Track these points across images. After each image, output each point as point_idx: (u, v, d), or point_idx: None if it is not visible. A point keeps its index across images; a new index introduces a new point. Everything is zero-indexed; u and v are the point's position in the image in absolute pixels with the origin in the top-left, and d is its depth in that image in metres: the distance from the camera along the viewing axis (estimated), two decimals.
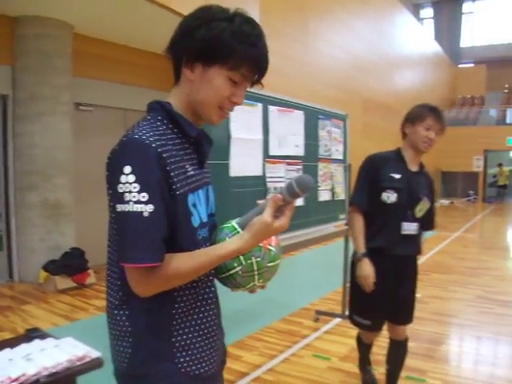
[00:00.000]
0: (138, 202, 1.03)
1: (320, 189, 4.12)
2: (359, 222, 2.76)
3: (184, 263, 1.08)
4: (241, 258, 1.16)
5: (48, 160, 5.85)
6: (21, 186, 5.87)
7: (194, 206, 1.17)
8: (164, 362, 1.17)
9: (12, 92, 5.86)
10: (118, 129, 7.18)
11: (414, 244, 2.78)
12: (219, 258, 1.11)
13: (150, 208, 1.03)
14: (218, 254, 1.11)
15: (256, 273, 1.18)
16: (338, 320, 4.61)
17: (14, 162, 5.91)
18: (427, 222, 2.81)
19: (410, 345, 3.23)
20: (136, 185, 1.03)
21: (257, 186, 3.23)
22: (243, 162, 3.05)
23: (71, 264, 5.62)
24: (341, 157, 4.51)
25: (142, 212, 1.03)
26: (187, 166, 1.16)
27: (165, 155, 1.08)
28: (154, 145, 1.07)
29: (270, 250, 1.20)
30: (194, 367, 1.20)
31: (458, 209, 17.90)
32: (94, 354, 1.87)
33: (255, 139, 3.20)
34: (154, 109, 1.19)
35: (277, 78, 8.47)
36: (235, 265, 1.17)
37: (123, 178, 1.04)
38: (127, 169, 1.04)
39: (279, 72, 8.71)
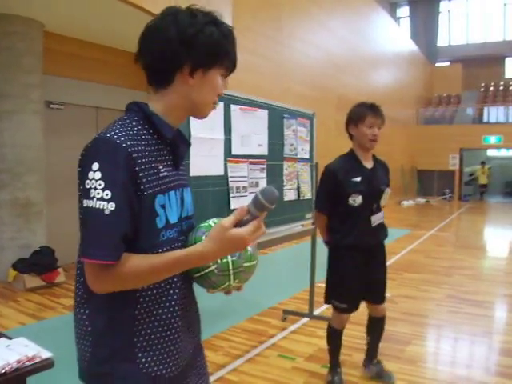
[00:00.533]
0: (101, 199, 1.05)
1: (285, 188, 4.15)
2: (322, 222, 3.19)
3: (140, 264, 1.09)
4: None
5: (18, 158, 5.81)
6: None
7: (163, 206, 1.18)
8: (125, 361, 1.17)
9: None
10: (89, 127, 7.17)
11: (380, 231, 3.12)
12: (175, 261, 1.11)
13: (111, 206, 1.05)
14: (174, 256, 1.11)
15: (231, 272, 1.19)
16: (305, 320, 4.64)
17: None
18: None
19: None
20: (101, 182, 1.06)
21: (218, 185, 3.26)
22: (204, 161, 3.09)
23: (41, 262, 5.59)
24: (307, 156, 4.56)
25: (103, 209, 1.05)
26: (160, 167, 1.18)
27: (135, 155, 1.10)
28: (124, 144, 1.09)
29: (246, 249, 1.20)
30: (155, 368, 1.20)
31: (433, 207, 18.10)
32: (45, 354, 1.87)
33: (216, 138, 3.23)
34: (132, 109, 1.23)
35: (249, 75, 8.51)
36: (210, 263, 1.17)
37: (90, 175, 1.07)
38: (95, 166, 1.07)
39: (251, 70, 8.76)
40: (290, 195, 4.23)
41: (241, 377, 3.41)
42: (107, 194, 1.05)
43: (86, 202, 1.07)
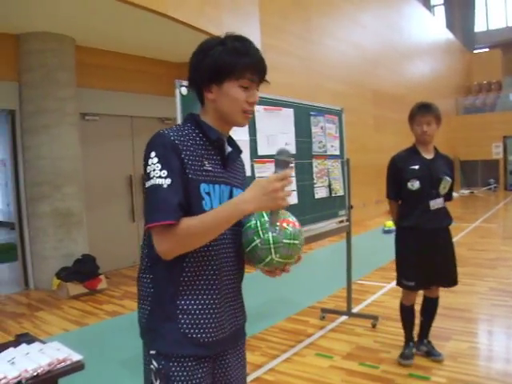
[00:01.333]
0: (160, 177, 1.31)
1: (316, 186, 4.13)
2: (395, 208, 3.62)
3: (192, 220, 1.30)
4: (260, 232, 1.38)
5: (56, 170, 6.01)
6: (32, 196, 6.04)
7: (208, 194, 1.39)
8: (168, 320, 1.39)
9: (19, 107, 6.05)
10: (125, 136, 7.34)
11: (443, 217, 3.42)
12: (220, 208, 1.32)
13: (168, 181, 1.30)
14: (220, 207, 1.33)
15: (272, 246, 1.37)
16: (344, 318, 4.60)
17: (24, 174, 6.09)
18: (447, 195, 3.46)
19: None
20: (158, 164, 1.32)
21: (245, 186, 3.26)
22: None
23: (83, 270, 5.76)
24: (337, 152, 4.51)
25: (161, 184, 1.30)
26: (205, 162, 1.41)
27: (180, 147, 1.35)
28: (172, 138, 1.36)
29: (285, 228, 1.39)
30: (192, 330, 1.39)
31: (478, 198, 17.55)
32: (76, 357, 1.96)
33: (241, 140, 3.23)
34: (187, 118, 1.50)
35: (280, 75, 8.50)
36: (255, 238, 1.39)
37: (150, 161, 1.34)
38: (153, 154, 1.34)
39: (283, 69, 8.75)
40: (321, 193, 4.19)
41: (277, 376, 3.42)
42: (164, 173, 1.31)
43: (148, 183, 1.33)
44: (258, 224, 1.40)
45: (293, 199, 3.76)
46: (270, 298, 5.40)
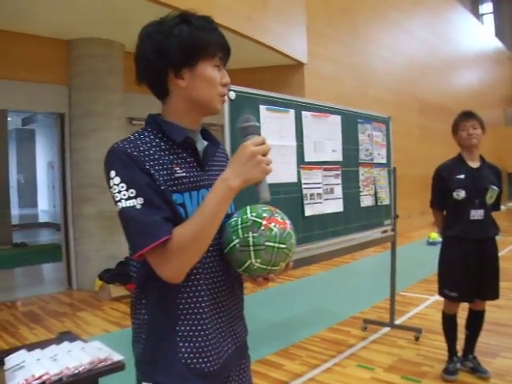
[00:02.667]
0: (129, 198, 1.12)
1: (362, 194, 4.04)
2: (439, 218, 3.60)
3: (183, 226, 1.13)
4: (239, 231, 1.19)
5: (102, 173, 6.05)
6: (78, 198, 6.17)
7: (181, 205, 1.20)
8: (168, 350, 1.22)
9: (68, 110, 6.20)
10: None
11: (488, 227, 3.34)
12: (206, 200, 1.15)
13: (140, 201, 1.12)
14: (206, 198, 1.16)
15: (252, 249, 1.18)
16: (386, 329, 4.48)
17: (71, 176, 6.23)
18: (494, 204, 3.39)
19: None
20: (123, 184, 1.13)
21: (291, 192, 3.21)
22: (275, 168, 3.04)
23: (125, 273, 5.80)
24: (384, 161, 4.41)
25: (134, 206, 1.11)
26: (177, 169, 1.21)
27: (141, 157, 1.16)
28: (129, 150, 1.16)
29: (270, 228, 1.19)
30: (195, 360, 1.22)
31: None
32: (117, 357, 1.95)
33: (288, 145, 3.19)
34: (147, 122, 1.29)
35: (325, 82, 8.44)
36: (234, 237, 1.20)
37: (111, 182, 1.14)
38: (112, 173, 1.14)
39: (328, 77, 8.68)
40: (366, 201, 4.10)
41: None
42: (132, 192, 1.12)
43: (118, 207, 1.13)
44: (239, 221, 1.21)
45: (338, 207, 3.69)
46: (312, 306, 5.33)
